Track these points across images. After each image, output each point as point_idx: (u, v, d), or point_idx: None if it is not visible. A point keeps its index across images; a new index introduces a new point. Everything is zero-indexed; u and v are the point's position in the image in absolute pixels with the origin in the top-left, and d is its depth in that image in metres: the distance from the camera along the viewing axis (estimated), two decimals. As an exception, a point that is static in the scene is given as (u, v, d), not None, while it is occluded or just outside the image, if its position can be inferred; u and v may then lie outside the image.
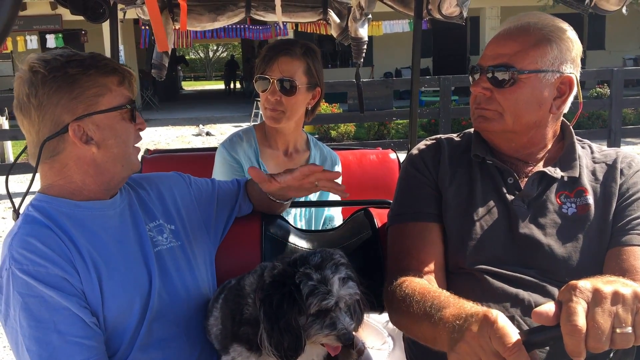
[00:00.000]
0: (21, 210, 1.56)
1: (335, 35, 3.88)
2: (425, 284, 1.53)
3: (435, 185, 1.73)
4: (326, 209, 2.64)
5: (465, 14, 2.43)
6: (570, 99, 1.66)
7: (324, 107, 12.46)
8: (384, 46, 20.49)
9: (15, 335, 1.42)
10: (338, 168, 2.67)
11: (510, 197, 1.65)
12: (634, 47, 21.81)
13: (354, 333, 1.38)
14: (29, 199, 1.57)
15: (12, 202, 1.59)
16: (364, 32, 3.64)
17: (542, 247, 1.58)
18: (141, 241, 1.63)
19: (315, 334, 1.36)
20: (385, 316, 1.86)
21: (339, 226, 2.21)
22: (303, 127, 2.64)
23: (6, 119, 10.76)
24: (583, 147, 1.75)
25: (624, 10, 1.60)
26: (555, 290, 1.52)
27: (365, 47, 3.71)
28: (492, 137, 1.73)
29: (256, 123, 2.60)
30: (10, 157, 10.99)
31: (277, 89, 2.34)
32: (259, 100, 2.55)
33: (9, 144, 11.00)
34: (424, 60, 18.14)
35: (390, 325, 2.62)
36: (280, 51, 2.35)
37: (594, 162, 1.70)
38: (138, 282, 1.56)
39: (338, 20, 3.75)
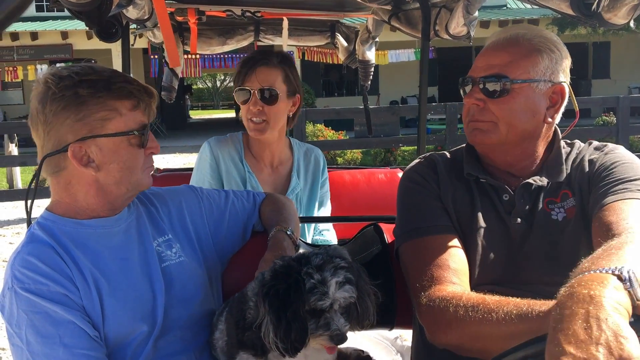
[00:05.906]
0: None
1: (342, 58, 3.93)
2: (475, 295, 1.42)
3: (439, 198, 1.70)
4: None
5: (472, 34, 2.45)
6: (562, 108, 1.67)
7: (330, 134, 12.51)
8: (390, 75, 20.66)
9: (21, 353, 1.42)
10: (322, 160, 2.69)
11: (507, 215, 1.64)
12: (639, 76, 21.89)
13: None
14: (40, 208, 1.57)
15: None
16: (371, 55, 3.69)
17: (542, 260, 1.57)
18: (146, 257, 1.61)
19: (309, 333, 1.35)
20: (394, 333, 1.84)
21: (349, 241, 2.21)
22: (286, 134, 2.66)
23: (16, 145, 10.88)
24: (571, 147, 1.74)
25: (632, 24, 1.61)
26: None
27: (372, 70, 3.75)
28: (486, 151, 1.71)
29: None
30: (19, 183, 11.06)
31: (258, 99, 2.36)
32: None
33: (17, 170, 11.09)
34: (429, 89, 18.16)
35: (399, 342, 2.58)
36: (257, 61, 2.38)
37: (574, 162, 1.69)
38: (141, 300, 1.55)
39: (345, 44, 3.80)
